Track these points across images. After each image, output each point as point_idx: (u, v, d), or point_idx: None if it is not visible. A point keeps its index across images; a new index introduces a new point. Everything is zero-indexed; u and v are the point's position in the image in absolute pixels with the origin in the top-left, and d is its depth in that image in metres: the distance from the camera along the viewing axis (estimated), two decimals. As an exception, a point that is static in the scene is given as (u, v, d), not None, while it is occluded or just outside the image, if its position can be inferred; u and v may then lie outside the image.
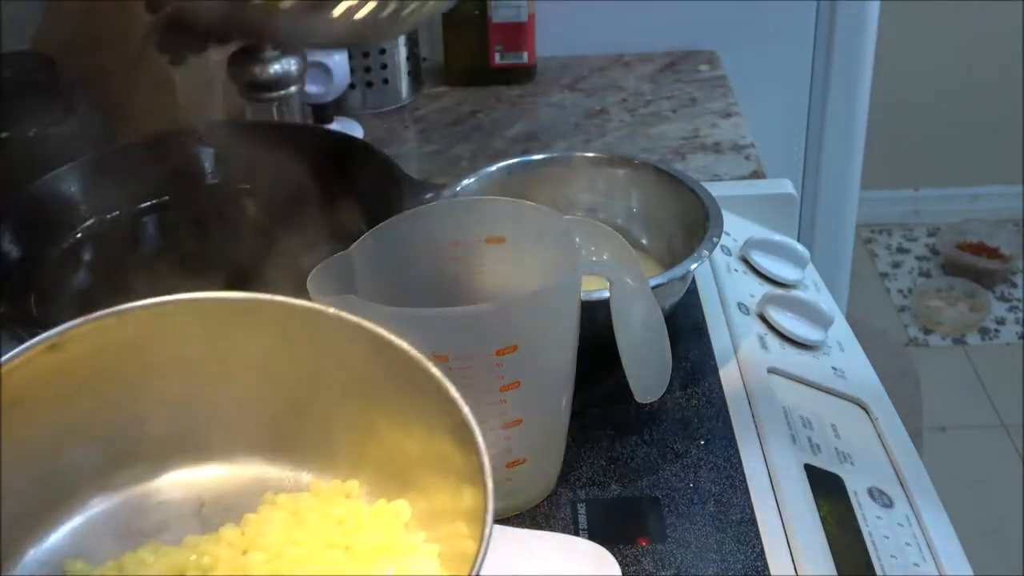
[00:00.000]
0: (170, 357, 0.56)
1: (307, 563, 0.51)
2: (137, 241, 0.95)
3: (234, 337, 0.56)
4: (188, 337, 0.55)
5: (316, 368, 0.56)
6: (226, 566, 0.51)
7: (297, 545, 0.52)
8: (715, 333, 0.86)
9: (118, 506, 0.56)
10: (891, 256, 2.63)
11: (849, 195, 1.49)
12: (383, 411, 0.55)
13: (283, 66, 1.01)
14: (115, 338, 0.54)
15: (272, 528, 0.53)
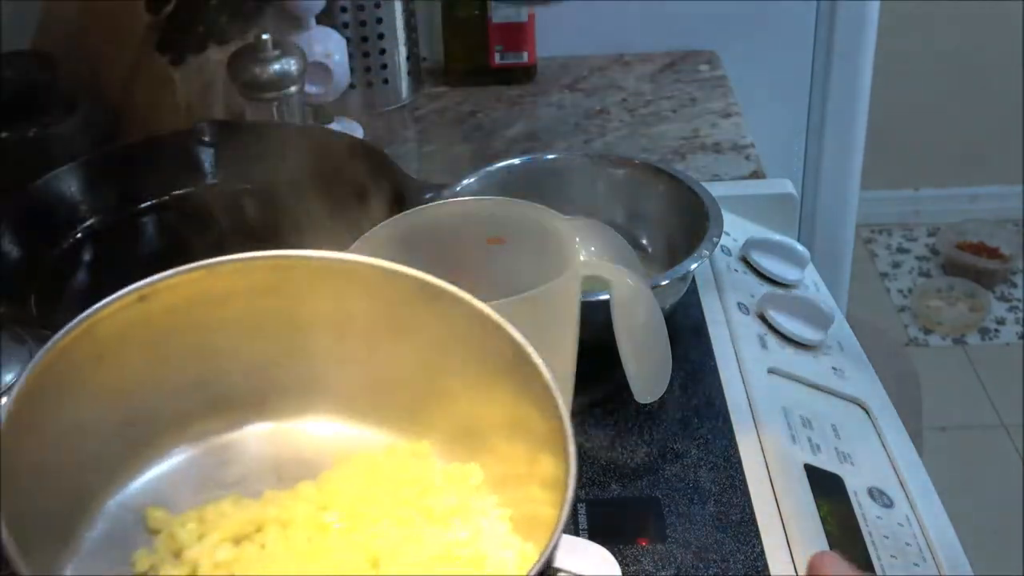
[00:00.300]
0: (254, 312, 0.56)
1: (381, 521, 0.52)
2: (137, 241, 0.95)
3: (316, 296, 0.56)
4: (272, 294, 0.56)
5: (396, 330, 0.57)
6: (303, 522, 0.52)
7: (372, 504, 0.53)
8: (715, 333, 0.86)
9: (197, 457, 0.56)
10: (891, 256, 2.63)
11: (849, 195, 1.49)
12: (461, 375, 0.56)
13: (283, 66, 1.01)
14: (202, 291, 0.55)
15: (348, 486, 0.54)
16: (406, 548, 0.50)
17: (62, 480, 0.50)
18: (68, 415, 0.51)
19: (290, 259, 0.56)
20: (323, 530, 0.52)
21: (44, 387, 0.49)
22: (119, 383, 0.54)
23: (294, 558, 0.50)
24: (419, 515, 0.52)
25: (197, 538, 0.51)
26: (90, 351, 0.52)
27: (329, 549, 0.51)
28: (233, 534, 0.51)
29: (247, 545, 0.51)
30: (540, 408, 0.51)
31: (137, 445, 0.55)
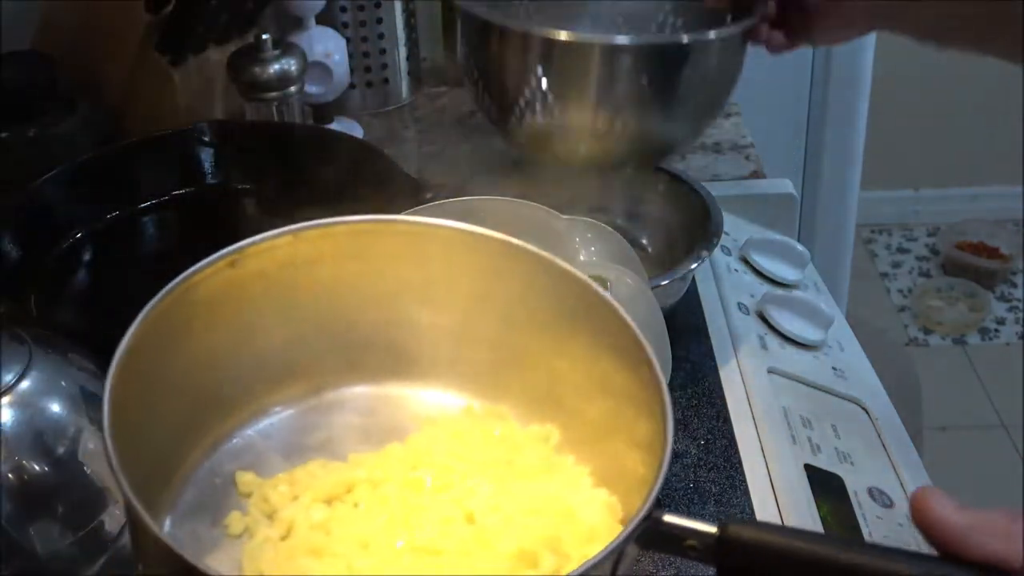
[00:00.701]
0: (339, 277, 0.57)
1: (472, 477, 0.53)
2: (137, 241, 0.95)
3: (399, 260, 0.58)
4: (356, 258, 0.57)
5: (477, 293, 0.58)
6: (396, 481, 0.53)
7: (460, 462, 0.54)
8: (715, 333, 0.86)
9: (282, 422, 0.58)
10: (891, 256, 2.63)
11: (849, 195, 1.49)
12: (540, 336, 0.57)
13: (283, 66, 1.01)
14: (289, 256, 0.56)
15: (435, 446, 0.55)
16: (499, 502, 0.51)
17: (156, 443, 0.51)
18: (163, 378, 0.52)
19: (374, 223, 0.57)
20: (416, 487, 0.53)
21: (143, 349, 0.50)
22: (210, 347, 0.55)
23: (389, 515, 0.51)
24: (506, 472, 0.53)
25: (290, 499, 0.52)
26: (184, 314, 0.53)
27: (423, 505, 0.51)
28: (325, 495, 0.53)
29: (339, 505, 0.52)
30: (623, 361, 0.52)
31: (224, 410, 0.56)
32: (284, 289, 0.57)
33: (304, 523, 0.51)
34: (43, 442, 0.60)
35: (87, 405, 0.63)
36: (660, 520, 0.47)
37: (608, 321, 0.54)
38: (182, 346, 0.54)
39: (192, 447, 0.55)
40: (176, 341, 0.53)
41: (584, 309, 0.55)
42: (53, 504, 0.60)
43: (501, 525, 0.50)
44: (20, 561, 0.58)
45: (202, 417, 0.56)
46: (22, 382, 0.61)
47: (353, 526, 0.51)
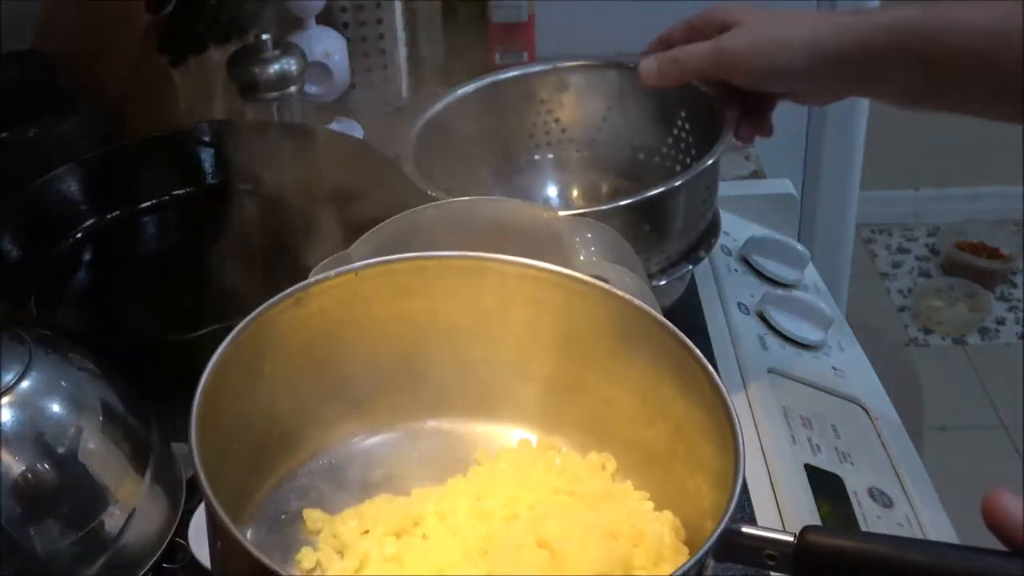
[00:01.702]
0: (397, 314, 0.59)
1: (540, 507, 0.54)
2: (137, 241, 0.95)
3: (455, 296, 0.59)
4: (414, 295, 0.59)
5: (532, 326, 0.59)
6: (463, 512, 0.54)
7: (525, 492, 0.55)
8: (715, 333, 0.86)
9: (344, 458, 0.59)
10: (891, 256, 2.63)
11: (849, 195, 1.49)
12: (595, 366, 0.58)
13: (283, 66, 1.01)
14: (351, 294, 0.58)
15: (498, 477, 0.56)
16: (568, 528, 0.52)
17: (228, 480, 0.52)
18: (234, 414, 0.54)
19: (429, 259, 0.59)
20: (486, 518, 0.54)
21: (217, 386, 0.52)
22: (275, 385, 0.57)
23: (461, 545, 0.52)
24: (569, 500, 0.55)
25: (359, 534, 0.54)
26: (253, 351, 0.55)
27: (496, 534, 0.52)
28: (394, 528, 0.54)
29: (408, 538, 0.53)
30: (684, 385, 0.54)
31: (288, 446, 0.58)
32: (346, 327, 0.59)
33: (378, 556, 0.52)
34: (43, 442, 0.60)
35: (86, 405, 0.63)
36: (739, 532, 0.48)
37: (666, 345, 0.55)
38: (251, 383, 0.56)
39: (259, 484, 0.57)
40: (246, 378, 0.55)
41: (641, 335, 0.56)
42: (53, 504, 0.60)
43: (575, 550, 0.51)
44: (20, 561, 0.58)
45: (268, 454, 0.57)
46: (22, 382, 0.61)
47: (426, 557, 0.52)
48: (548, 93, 0.93)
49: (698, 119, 0.85)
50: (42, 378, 0.62)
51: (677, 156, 0.87)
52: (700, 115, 0.84)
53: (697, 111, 0.84)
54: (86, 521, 0.60)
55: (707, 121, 0.82)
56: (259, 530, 0.55)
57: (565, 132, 0.93)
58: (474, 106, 0.91)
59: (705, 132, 0.82)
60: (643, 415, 0.57)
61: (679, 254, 0.80)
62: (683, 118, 0.86)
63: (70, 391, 0.63)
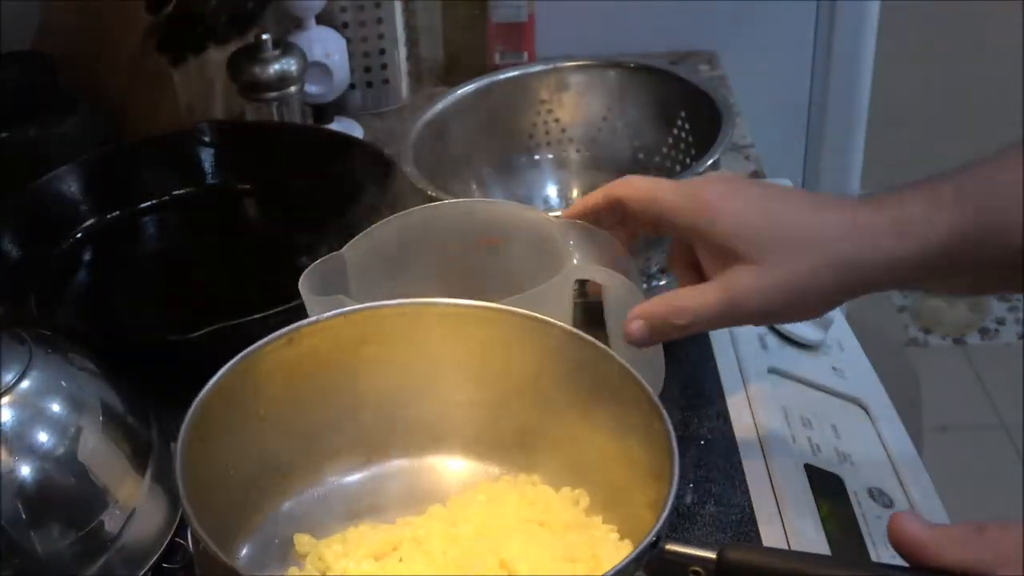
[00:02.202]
0: (385, 356, 0.62)
1: (511, 534, 0.57)
2: (137, 241, 0.95)
3: (441, 340, 0.62)
4: (403, 338, 0.62)
5: (510, 367, 0.62)
6: (439, 537, 0.57)
7: (498, 519, 0.58)
8: (715, 333, 0.86)
9: (336, 489, 0.63)
10: (891, 256, 2.64)
11: (849, 195, 1.49)
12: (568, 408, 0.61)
13: (283, 66, 1.01)
14: (340, 336, 0.61)
15: (475, 507, 0.60)
16: (532, 552, 0.55)
17: (219, 504, 0.56)
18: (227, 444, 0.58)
19: (416, 306, 0.62)
20: (455, 541, 0.57)
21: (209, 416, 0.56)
22: (268, 420, 0.60)
23: (431, 566, 0.56)
24: (539, 529, 0.58)
25: (342, 556, 0.57)
26: (246, 387, 0.58)
27: (462, 556, 0.56)
28: (373, 552, 0.57)
29: (387, 561, 0.57)
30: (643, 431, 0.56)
31: (282, 478, 0.61)
32: (336, 367, 0.62)
33: (354, 572, 0.56)
34: (43, 442, 0.60)
35: (86, 405, 0.63)
36: (663, 549, 0.50)
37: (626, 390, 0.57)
38: (244, 416, 0.59)
39: (253, 511, 0.60)
40: (239, 411, 0.59)
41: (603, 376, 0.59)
42: (53, 504, 0.60)
43: (531, 571, 0.54)
44: (20, 561, 0.58)
45: (262, 484, 0.60)
46: (22, 382, 0.61)
47: None
48: (548, 93, 0.93)
49: (698, 119, 0.85)
50: (42, 378, 0.62)
51: (677, 156, 0.87)
52: (700, 115, 0.84)
53: (697, 111, 0.84)
54: (86, 521, 0.60)
55: (707, 121, 0.82)
56: (251, 552, 0.59)
57: (565, 132, 0.93)
58: (474, 106, 0.91)
59: (705, 132, 0.82)
60: (612, 456, 0.59)
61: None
62: (683, 118, 0.86)
63: (70, 391, 0.63)
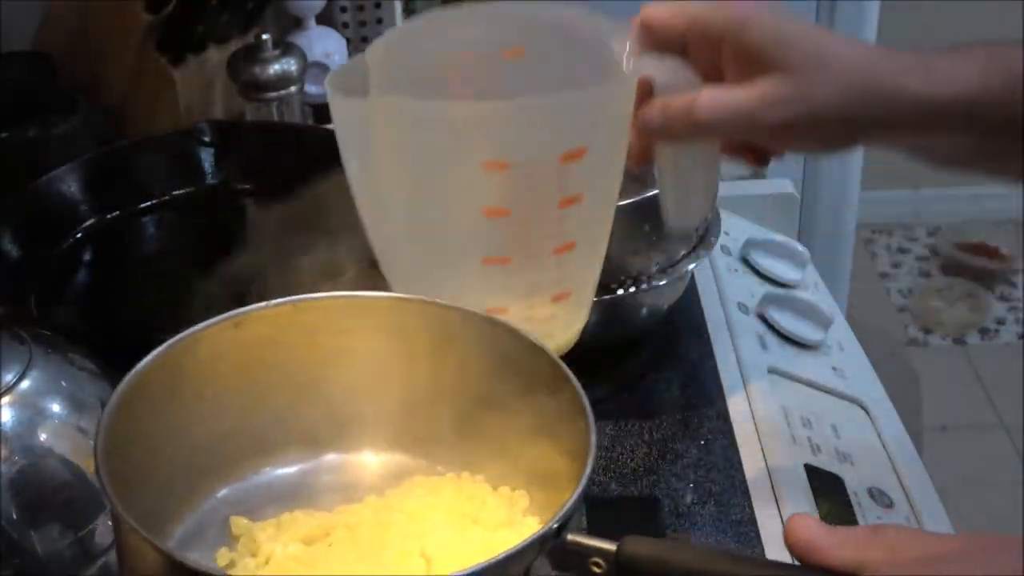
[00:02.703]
0: (333, 347, 0.61)
1: (442, 528, 0.56)
2: (137, 241, 0.95)
3: (384, 333, 0.60)
4: (350, 331, 0.60)
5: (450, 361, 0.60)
6: (369, 525, 0.57)
7: (431, 512, 0.57)
8: (715, 333, 0.86)
9: (278, 478, 0.62)
10: (891, 256, 2.63)
11: (849, 195, 1.49)
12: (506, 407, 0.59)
13: (283, 66, 1.01)
14: (289, 324, 0.60)
15: (411, 499, 0.58)
16: (456, 547, 0.54)
17: (157, 481, 0.56)
18: (166, 420, 0.57)
19: (363, 299, 0.61)
20: (385, 529, 0.56)
21: (145, 389, 0.55)
22: (211, 402, 0.59)
23: (357, 554, 0.55)
24: (469, 524, 0.57)
25: (274, 540, 0.56)
26: (188, 366, 0.57)
27: (388, 546, 0.55)
28: (304, 536, 0.56)
29: (317, 546, 0.56)
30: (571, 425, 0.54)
31: (225, 462, 0.60)
32: (283, 355, 0.60)
33: (281, 555, 0.55)
34: (43, 442, 0.60)
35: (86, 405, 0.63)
36: (565, 540, 0.49)
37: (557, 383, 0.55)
38: (184, 396, 0.58)
39: (191, 493, 0.59)
40: (178, 390, 0.57)
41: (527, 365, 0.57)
42: (53, 504, 0.60)
43: (450, 561, 0.53)
44: (20, 561, 0.58)
45: (203, 465, 0.59)
46: (22, 382, 0.61)
47: (324, 560, 0.55)
48: None
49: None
50: (42, 378, 0.62)
51: (677, 156, 0.87)
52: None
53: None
54: (86, 521, 0.60)
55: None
56: (185, 533, 0.58)
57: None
58: None
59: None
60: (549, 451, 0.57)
61: (679, 254, 0.80)
62: (683, 118, 0.86)
63: (70, 391, 0.63)
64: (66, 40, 1.05)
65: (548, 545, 0.48)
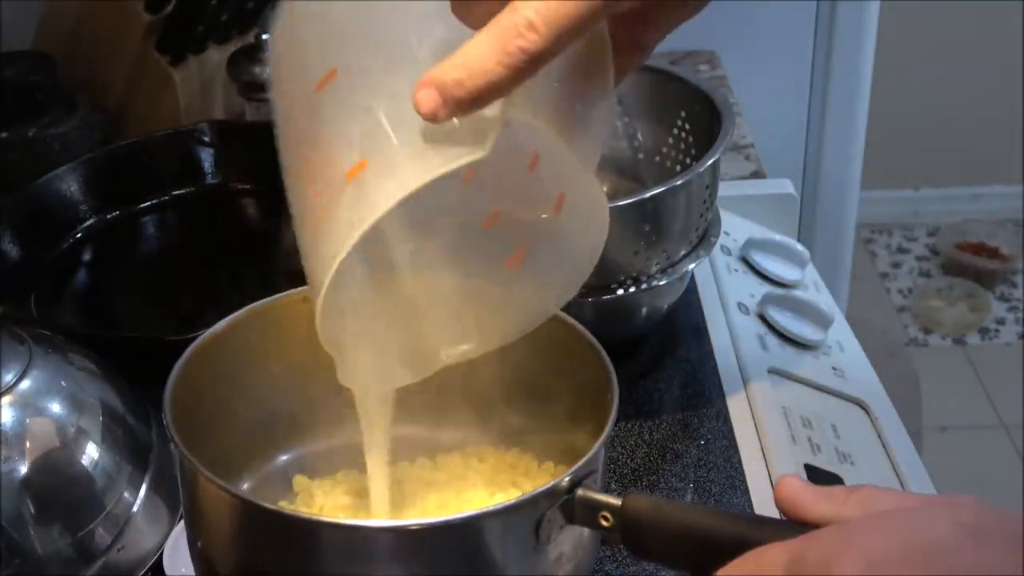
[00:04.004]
0: None
1: (481, 489, 0.60)
2: (137, 241, 0.95)
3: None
4: None
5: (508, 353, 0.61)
6: (415, 481, 0.61)
7: (476, 473, 0.62)
8: (715, 333, 0.86)
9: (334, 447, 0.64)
10: (891, 256, 2.63)
11: (849, 195, 1.49)
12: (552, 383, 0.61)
13: (283, 66, 1.01)
14: None
15: (458, 462, 0.63)
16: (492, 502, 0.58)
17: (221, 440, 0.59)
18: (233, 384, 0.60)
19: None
20: (428, 487, 0.60)
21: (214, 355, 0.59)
22: (279, 369, 0.62)
23: (399, 506, 0.59)
24: (511, 487, 0.61)
25: (328, 494, 0.61)
26: (258, 334, 0.61)
27: (429, 498, 0.59)
28: (356, 490, 0.60)
29: (367, 497, 0.59)
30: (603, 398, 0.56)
31: (285, 427, 0.64)
32: None
33: (331, 504, 0.60)
34: (43, 442, 0.60)
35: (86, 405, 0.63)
36: (576, 495, 0.52)
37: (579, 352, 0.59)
38: (252, 363, 0.61)
39: (253, 455, 0.63)
40: (246, 357, 0.61)
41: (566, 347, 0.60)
42: (53, 504, 0.60)
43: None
44: (20, 561, 0.58)
45: (266, 430, 0.63)
46: (22, 382, 0.61)
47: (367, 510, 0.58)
48: None
49: (698, 119, 0.85)
50: (42, 378, 0.62)
51: (677, 156, 0.87)
52: (700, 115, 0.84)
53: (697, 111, 0.84)
54: (86, 521, 0.60)
55: (707, 121, 0.82)
56: (250, 485, 0.62)
57: (565, 132, 0.93)
58: None
59: (705, 132, 0.82)
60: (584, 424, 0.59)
61: (679, 254, 0.80)
62: (683, 118, 0.86)
63: (70, 391, 0.63)
64: (66, 40, 1.05)
65: (560, 498, 0.51)
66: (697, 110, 0.84)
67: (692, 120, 0.86)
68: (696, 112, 0.85)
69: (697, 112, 0.84)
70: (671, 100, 0.86)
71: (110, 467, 0.63)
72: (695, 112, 0.85)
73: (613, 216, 0.69)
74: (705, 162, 0.77)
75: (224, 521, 0.54)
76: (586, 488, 0.52)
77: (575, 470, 0.52)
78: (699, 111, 0.84)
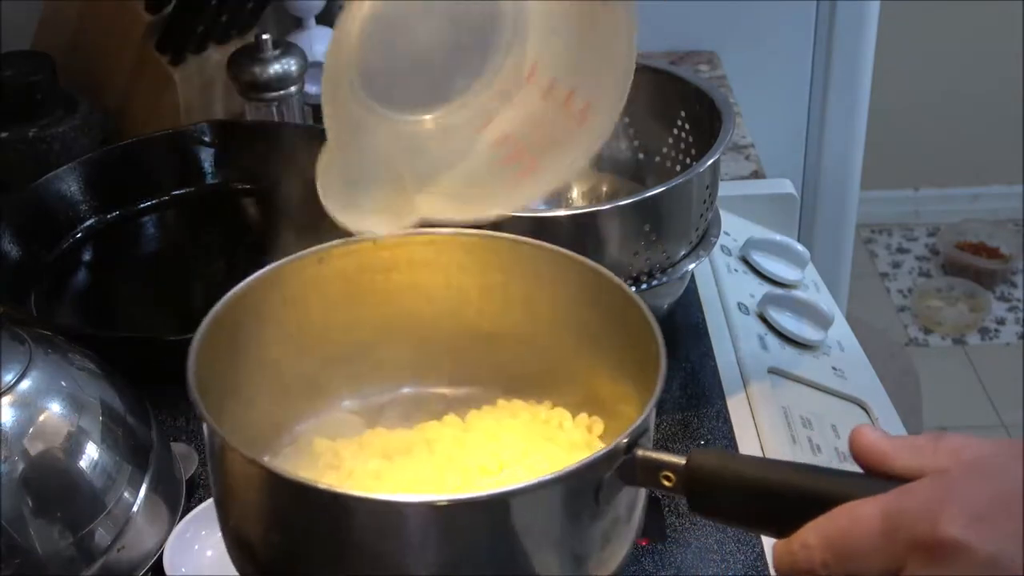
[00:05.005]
0: (411, 283, 0.64)
1: (516, 445, 0.59)
2: (137, 241, 0.95)
3: (464, 271, 0.63)
4: (429, 266, 0.63)
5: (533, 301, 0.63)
6: (448, 440, 0.60)
7: (509, 432, 0.60)
8: (715, 333, 0.86)
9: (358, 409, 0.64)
10: (891, 256, 2.63)
11: (849, 195, 1.49)
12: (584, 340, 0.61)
13: (283, 66, 1.01)
14: (369, 260, 0.62)
15: (490, 419, 0.62)
16: (530, 462, 0.57)
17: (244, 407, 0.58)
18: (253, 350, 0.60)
19: (443, 236, 0.63)
20: (462, 445, 0.59)
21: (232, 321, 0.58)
22: (297, 335, 0.62)
23: (434, 468, 0.58)
24: (545, 444, 0.59)
25: (357, 456, 0.59)
26: (275, 298, 0.60)
27: (465, 457, 0.58)
28: (385, 451, 0.59)
29: (398, 459, 0.59)
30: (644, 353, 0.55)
31: (307, 392, 0.63)
32: (363, 291, 0.63)
33: (362, 470, 0.58)
34: (43, 442, 0.60)
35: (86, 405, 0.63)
36: (635, 455, 0.50)
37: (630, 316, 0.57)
38: (271, 328, 0.60)
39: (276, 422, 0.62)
40: (265, 321, 0.60)
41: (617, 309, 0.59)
42: (53, 504, 0.60)
43: (524, 475, 0.55)
44: (20, 561, 0.58)
45: (288, 395, 0.62)
46: (22, 382, 0.61)
47: (402, 474, 0.57)
48: None
49: (698, 119, 0.85)
50: (42, 378, 0.62)
51: (677, 156, 0.87)
52: (700, 115, 0.84)
53: (697, 111, 0.84)
54: (86, 521, 0.60)
55: (707, 121, 0.82)
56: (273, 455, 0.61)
57: (565, 132, 0.93)
58: None
59: (705, 132, 0.82)
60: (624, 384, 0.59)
61: (679, 254, 0.80)
62: (683, 118, 0.86)
63: (70, 391, 0.63)
64: (66, 40, 1.05)
65: (619, 460, 0.49)
66: (697, 110, 0.84)
67: (692, 120, 0.86)
68: (696, 112, 0.85)
69: (697, 112, 0.84)
70: (671, 100, 0.86)
71: (110, 467, 0.63)
72: (695, 112, 0.85)
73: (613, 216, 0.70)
74: (705, 162, 0.77)
75: (257, 496, 0.52)
76: (645, 449, 0.50)
77: (632, 430, 0.49)
78: (699, 111, 0.84)
